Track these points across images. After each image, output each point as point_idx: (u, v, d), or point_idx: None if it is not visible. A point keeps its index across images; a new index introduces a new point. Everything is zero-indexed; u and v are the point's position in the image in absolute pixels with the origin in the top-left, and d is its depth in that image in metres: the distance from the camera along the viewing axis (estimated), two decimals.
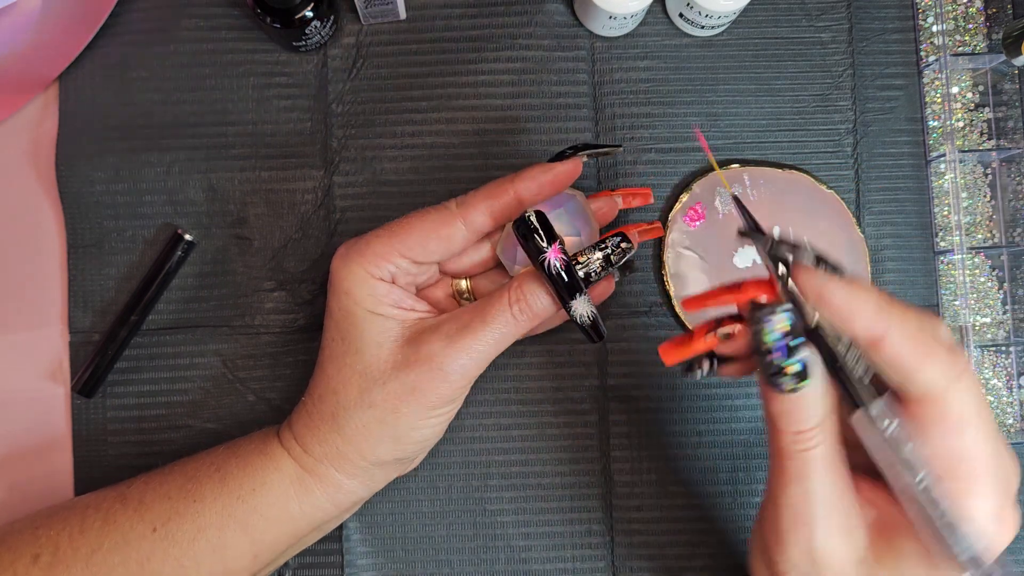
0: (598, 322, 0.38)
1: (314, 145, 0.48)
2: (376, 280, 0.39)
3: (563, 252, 0.36)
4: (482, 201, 0.39)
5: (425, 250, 0.39)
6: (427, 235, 0.39)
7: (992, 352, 0.48)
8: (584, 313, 0.37)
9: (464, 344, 0.38)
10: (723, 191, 0.48)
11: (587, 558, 0.47)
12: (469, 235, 0.39)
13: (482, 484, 0.47)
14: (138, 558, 0.38)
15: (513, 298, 0.38)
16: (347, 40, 0.48)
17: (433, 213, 0.39)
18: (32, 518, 0.41)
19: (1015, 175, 0.48)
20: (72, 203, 0.47)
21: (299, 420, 0.41)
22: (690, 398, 0.47)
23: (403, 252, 0.39)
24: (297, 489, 0.40)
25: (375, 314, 0.39)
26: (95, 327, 0.47)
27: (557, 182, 0.39)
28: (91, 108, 0.48)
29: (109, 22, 0.47)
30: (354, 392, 0.39)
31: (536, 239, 0.36)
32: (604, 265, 0.38)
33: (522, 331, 0.38)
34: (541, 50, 0.48)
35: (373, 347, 0.39)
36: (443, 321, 0.39)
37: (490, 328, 0.38)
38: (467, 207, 0.39)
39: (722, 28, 0.48)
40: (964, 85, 0.50)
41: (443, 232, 0.39)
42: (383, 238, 0.39)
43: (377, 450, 0.39)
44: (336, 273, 0.40)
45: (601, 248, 0.38)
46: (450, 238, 0.39)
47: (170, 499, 0.39)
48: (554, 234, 0.36)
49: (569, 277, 0.37)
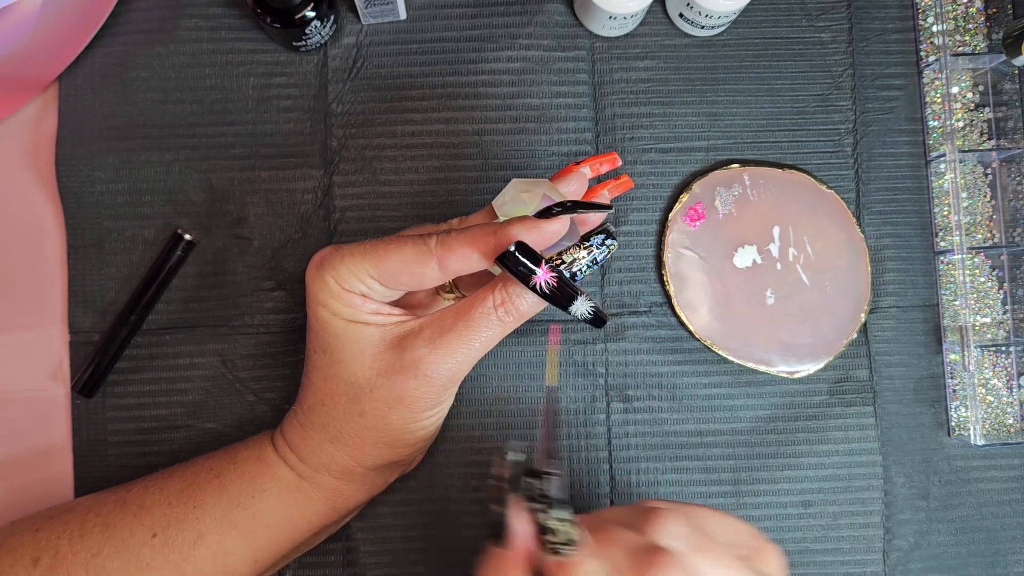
0: (599, 312, 0.37)
1: (314, 145, 0.48)
2: (349, 293, 0.38)
3: (551, 269, 0.35)
4: (462, 247, 0.37)
5: (396, 281, 0.38)
6: (400, 268, 0.37)
7: (992, 352, 0.48)
8: (584, 311, 0.36)
9: (448, 348, 0.37)
10: (723, 191, 0.48)
11: None
12: (443, 277, 0.38)
13: (482, 484, 0.47)
14: (138, 563, 0.38)
15: (498, 300, 0.37)
16: (347, 40, 0.48)
17: (411, 247, 0.37)
18: (32, 520, 0.41)
19: (1015, 175, 0.48)
20: (72, 203, 0.47)
21: (291, 430, 0.41)
22: (690, 398, 0.47)
23: (374, 275, 0.38)
24: (296, 496, 0.40)
25: (354, 323, 0.38)
26: (95, 327, 0.47)
27: (543, 241, 0.37)
28: (91, 108, 0.48)
29: (109, 22, 0.47)
30: (342, 402, 0.38)
31: (523, 268, 0.35)
32: (591, 264, 0.37)
33: (508, 331, 0.38)
34: (541, 50, 0.48)
35: (356, 355, 0.38)
36: (426, 324, 0.38)
37: (474, 331, 0.37)
38: (446, 250, 0.37)
39: (722, 28, 0.48)
40: (964, 85, 0.50)
41: (416, 270, 0.37)
42: (356, 257, 0.38)
43: (371, 455, 0.39)
44: (310, 285, 0.39)
45: (585, 247, 0.37)
46: (423, 276, 0.37)
47: (169, 504, 0.39)
48: (537, 257, 0.35)
49: (563, 288, 0.36)
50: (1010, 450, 0.48)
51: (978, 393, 0.47)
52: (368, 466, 0.39)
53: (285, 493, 0.40)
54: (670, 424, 0.47)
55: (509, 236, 0.36)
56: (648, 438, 0.47)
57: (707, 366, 0.48)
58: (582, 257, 0.37)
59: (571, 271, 0.37)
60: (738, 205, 0.48)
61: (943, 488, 0.48)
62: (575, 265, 0.37)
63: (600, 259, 0.37)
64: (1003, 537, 0.47)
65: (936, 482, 0.48)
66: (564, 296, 0.36)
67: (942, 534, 0.47)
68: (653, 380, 0.47)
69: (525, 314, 0.37)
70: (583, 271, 0.37)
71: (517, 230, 0.36)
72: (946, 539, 0.47)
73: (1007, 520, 0.47)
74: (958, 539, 0.47)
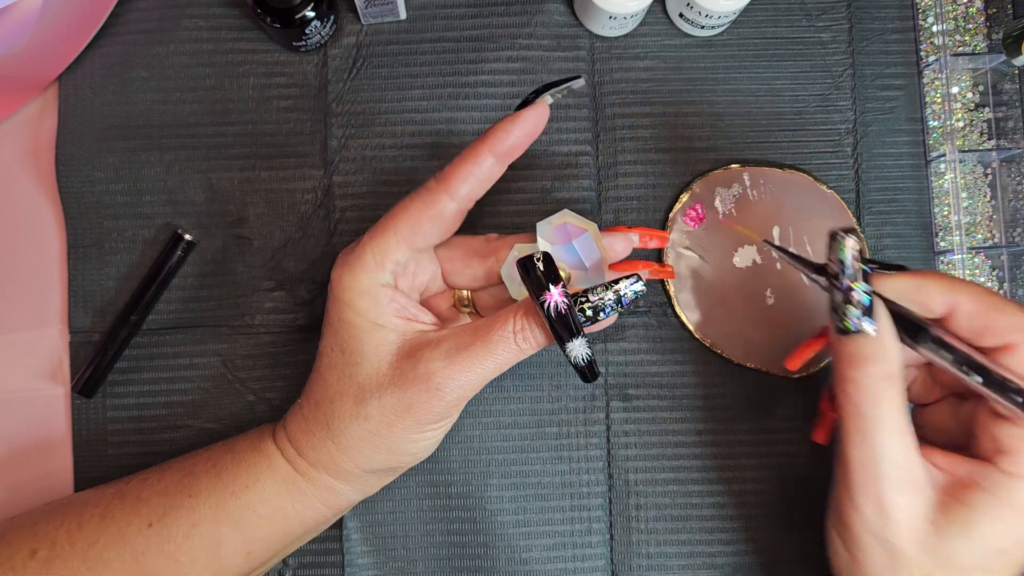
0: (593, 364, 0.37)
1: (314, 145, 0.48)
2: (379, 287, 0.38)
3: (565, 294, 0.35)
4: (461, 169, 0.38)
5: (420, 232, 0.39)
6: (418, 217, 0.38)
7: None
8: (580, 355, 0.36)
9: (463, 365, 0.37)
10: (723, 191, 0.48)
11: (587, 558, 0.47)
12: (459, 205, 0.39)
13: (482, 483, 0.47)
14: (133, 553, 0.38)
15: (518, 326, 0.37)
16: (347, 40, 0.48)
17: (417, 196, 0.39)
18: (31, 514, 0.41)
19: (1015, 175, 0.48)
20: (72, 203, 0.47)
21: (294, 423, 0.41)
22: (690, 398, 0.47)
23: (399, 241, 0.38)
24: (290, 488, 0.40)
25: (377, 325, 0.38)
26: (95, 327, 0.47)
27: (529, 131, 0.38)
28: (91, 108, 0.48)
29: (109, 22, 0.47)
30: (350, 403, 0.39)
31: (539, 279, 0.35)
32: (614, 305, 0.37)
33: (523, 357, 0.38)
34: (541, 50, 0.48)
35: (372, 359, 0.38)
36: (444, 338, 0.38)
37: (491, 353, 0.37)
38: (447, 180, 0.38)
39: (722, 28, 0.48)
40: (964, 85, 0.50)
41: (432, 210, 0.38)
42: (376, 235, 0.39)
43: (371, 460, 0.39)
44: (337, 283, 0.39)
45: (613, 288, 0.37)
46: (441, 214, 0.38)
47: (167, 495, 0.40)
48: (558, 275, 0.35)
49: (569, 320, 0.35)
50: None
51: None
52: (365, 468, 0.40)
53: (280, 485, 0.40)
54: (670, 424, 0.47)
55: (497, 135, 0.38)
56: (648, 437, 0.47)
57: (707, 366, 0.48)
58: (608, 297, 0.37)
59: (595, 307, 0.36)
60: (738, 205, 0.48)
61: None
62: (598, 304, 0.37)
63: (626, 301, 0.37)
64: None
65: None
66: (567, 327, 0.35)
67: None
68: (653, 380, 0.48)
69: (542, 344, 0.37)
70: (607, 310, 0.37)
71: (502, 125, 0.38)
72: None
73: None
74: None
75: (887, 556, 0.35)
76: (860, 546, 0.36)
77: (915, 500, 0.35)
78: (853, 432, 0.35)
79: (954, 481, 0.35)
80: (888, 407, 0.35)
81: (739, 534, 0.47)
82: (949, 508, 0.35)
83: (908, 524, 0.35)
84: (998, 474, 0.35)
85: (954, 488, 0.35)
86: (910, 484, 0.35)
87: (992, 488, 0.34)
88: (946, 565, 0.35)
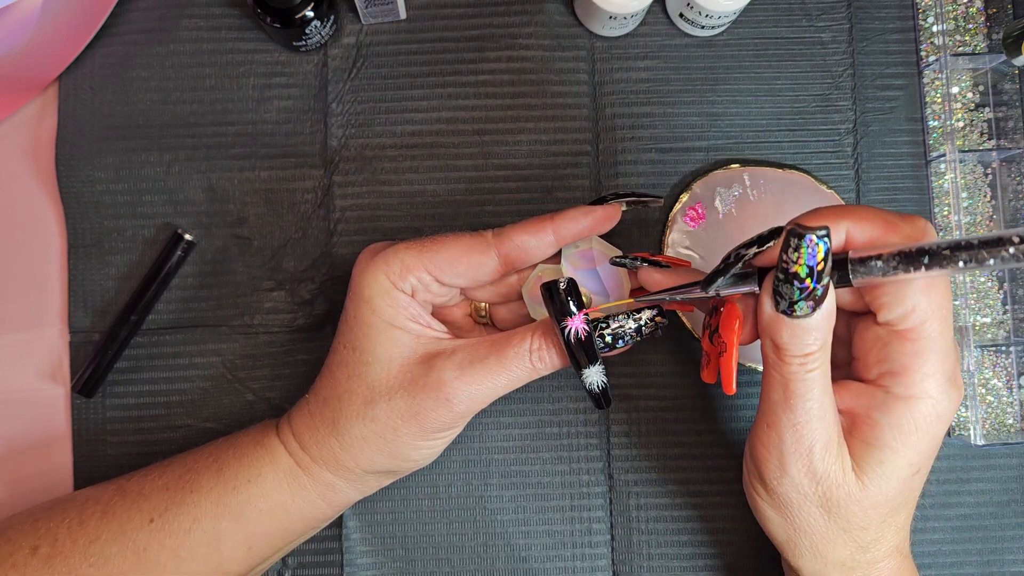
0: (607, 391, 0.37)
1: (314, 145, 0.48)
2: (397, 291, 0.39)
3: (587, 322, 0.36)
4: (520, 234, 0.39)
5: (453, 272, 0.39)
6: (459, 257, 0.39)
7: (992, 352, 0.48)
8: (596, 383, 0.37)
9: (476, 377, 0.37)
10: (723, 191, 0.48)
11: (587, 557, 0.47)
12: (501, 267, 0.39)
13: (482, 483, 0.47)
14: (135, 548, 0.38)
15: (535, 345, 0.37)
16: (347, 40, 0.48)
17: (468, 238, 0.39)
18: (32, 511, 0.41)
19: (1015, 175, 0.48)
20: (72, 203, 0.47)
21: (299, 418, 0.41)
22: (690, 398, 0.47)
23: (430, 268, 0.39)
24: (291, 484, 0.40)
25: (392, 326, 0.38)
26: (95, 327, 0.47)
27: (595, 226, 0.39)
28: (91, 108, 0.48)
29: (109, 22, 0.47)
30: (358, 403, 0.39)
31: (562, 305, 0.36)
32: (634, 335, 0.37)
33: (536, 377, 0.38)
34: (541, 50, 0.48)
35: (385, 361, 0.38)
36: (459, 348, 0.38)
37: (505, 369, 0.37)
38: (504, 239, 0.39)
39: (722, 28, 0.48)
40: (964, 85, 0.50)
41: (475, 258, 0.39)
42: (412, 250, 0.39)
43: (372, 461, 0.39)
44: (357, 279, 0.39)
45: (635, 318, 0.37)
46: (481, 265, 0.39)
47: (168, 490, 0.40)
48: (581, 302, 0.36)
49: (588, 346, 0.36)
50: (1009, 450, 0.48)
51: (978, 393, 0.48)
52: (365, 468, 0.40)
53: (281, 479, 0.40)
54: (670, 424, 0.47)
55: (566, 221, 0.38)
56: (648, 438, 0.47)
57: None
58: (629, 327, 0.37)
59: (615, 335, 0.37)
60: (738, 205, 0.48)
61: (941, 487, 0.48)
62: (619, 332, 0.37)
63: (646, 331, 0.38)
64: (1001, 537, 0.47)
65: (934, 481, 0.48)
66: (586, 353, 0.36)
67: (938, 532, 0.47)
68: (653, 380, 0.48)
69: (557, 366, 0.38)
70: (626, 338, 0.37)
71: (574, 213, 0.39)
72: (942, 536, 0.47)
73: (1006, 520, 0.47)
74: (955, 537, 0.47)
75: (823, 515, 0.36)
76: (793, 510, 0.36)
77: (840, 456, 0.35)
78: (786, 398, 0.34)
79: (854, 420, 0.35)
80: (820, 372, 0.34)
81: (739, 534, 0.47)
82: (860, 452, 0.35)
83: (836, 480, 0.35)
84: (893, 401, 0.34)
85: (857, 429, 0.35)
86: (835, 441, 0.35)
87: (892, 420, 0.34)
88: (876, 504, 0.35)
